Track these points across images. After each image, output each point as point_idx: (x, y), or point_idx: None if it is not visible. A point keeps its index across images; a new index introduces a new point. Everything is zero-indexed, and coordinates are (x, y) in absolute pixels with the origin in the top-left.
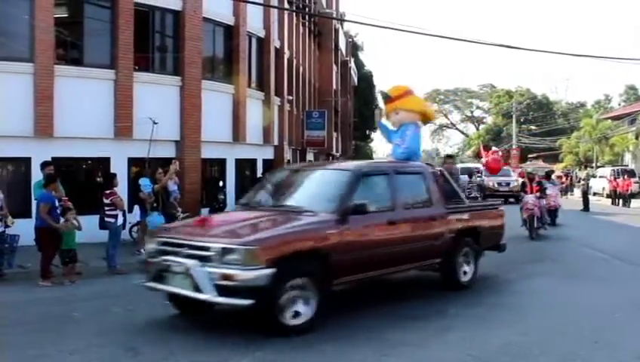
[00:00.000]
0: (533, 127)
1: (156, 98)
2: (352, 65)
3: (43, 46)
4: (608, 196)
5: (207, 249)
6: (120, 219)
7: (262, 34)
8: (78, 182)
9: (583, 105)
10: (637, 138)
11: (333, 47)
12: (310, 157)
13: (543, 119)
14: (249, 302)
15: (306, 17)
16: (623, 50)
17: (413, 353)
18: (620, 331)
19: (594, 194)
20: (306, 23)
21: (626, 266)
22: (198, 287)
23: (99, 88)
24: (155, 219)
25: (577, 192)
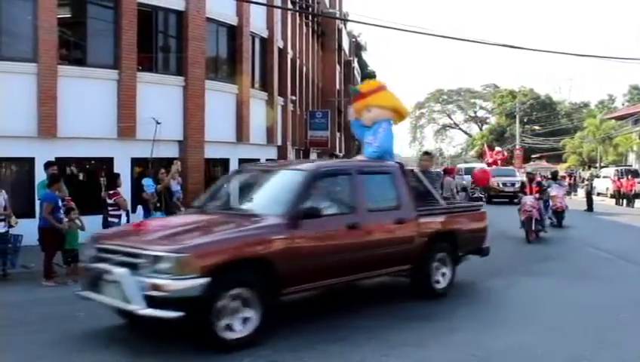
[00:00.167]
0: (537, 127)
1: (159, 98)
2: (356, 65)
3: (46, 46)
4: (612, 196)
5: (138, 256)
6: (123, 219)
7: (265, 34)
8: (82, 182)
9: (586, 105)
10: None
11: (337, 47)
12: (314, 157)
13: (546, 119)
14: (178, 315)
15: (310, 17)
16: (626, 50)
17: (414, 353)
18: (625, 331)
19: (598, 194)
20: (310, 23)
21: (630, 266)
22: (127, 298)
23: (102, 88)
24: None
25: (581, 192)
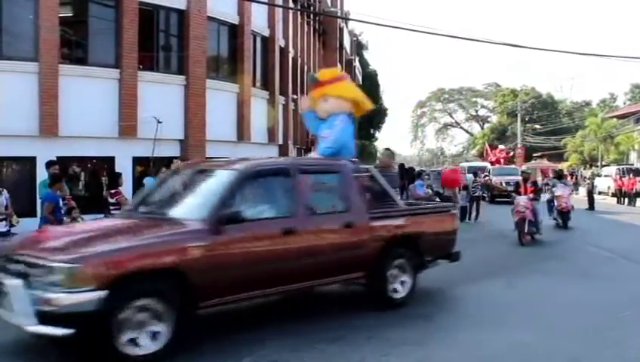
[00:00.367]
0: (538, 126)
1: (161, 97)
2: (357, 64)
3: (48, 45)
4: (613, 195)
5: (34, 266)
6: None
7: (266, 33)
8: (83, 181)
9: (588, 103)
10: None
11: (338, 45)
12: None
13: (547, 118)
14: (67, 332)
15: (311, 16)
16: (628, 49)
17: (414, 352)
18: (627, 330)
19: (599, 193)
20: (311, 22)
21: (632, 265)
22: (17, 312)
23: (103, 87)
24: None
25: (582, 191)
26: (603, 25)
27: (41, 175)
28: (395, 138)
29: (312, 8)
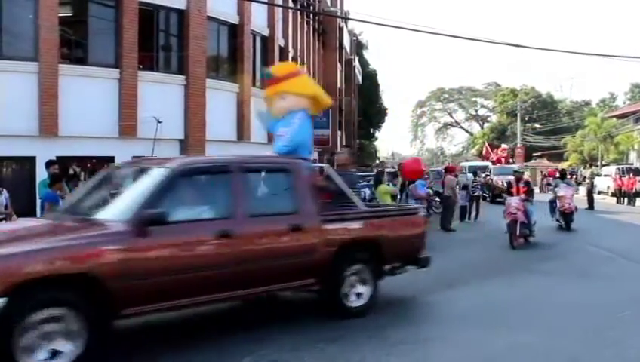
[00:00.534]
0: (538, 126)
1: (160, 97)
2: (357, 63)
3: (47, 45)
4: (613, 195)
5: None
6: None
7: (266, 32)
8: (83, 180)
9: (587, 103)
10: None
11: (338, 45)
12: (315, 155)
13: (547, 118)
14: None
15: (311, 16)
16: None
17: (414, 351)
18: (627, 329)
19: (599, 192)
20: (311, 22)
21: (631, 265)
22: None
23: (103, 87)
24: None
25: (582, 190)
26: (603, 24)
27: (41, 175)
28: (394, 138)
29: (311, 8)
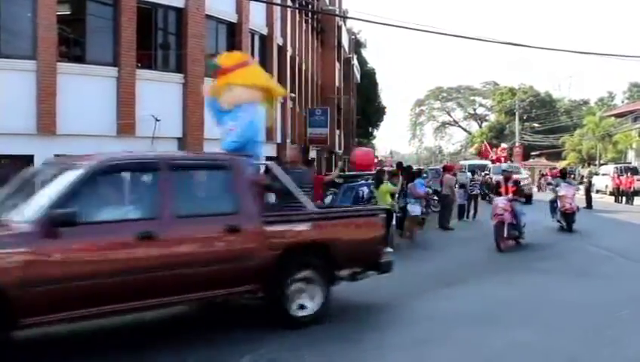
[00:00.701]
0: (536, 125)
1: (159, 95)
2: (355, 62)
3: (45, 43)
4: (611, 194)
5: None
6: None
7: (265, 31)
8: None
9: (586, 102)
10: None
11: (336, 44)
12: (313, 154)
13: (546, 117)
14: None
15: (309, 14)
16: (626, 48)
17: (414, 350)
18: (626, 328)
19: (597, 191)
20: (309, 20)
21: (630, 264)
22: None
23: (101, 85)
24: None
25: (580, 189)
26: (602, 24)
27: None
28: (393, 136)
29: (310, 6)
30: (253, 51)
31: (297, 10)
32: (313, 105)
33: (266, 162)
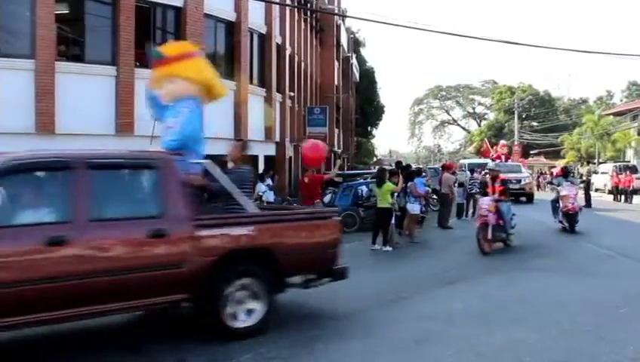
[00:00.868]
0: (535, 124)
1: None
2: (354, 61)
3: (44, 42)
4: (610, 192)
5: None
6: None
7: (263, 30)
8: None
9: (585, 101)
10: (639, 134)
11: (335, 43)
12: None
13: (544, 115)
14: None
15: (308, 13)
16: (625, 46)
17: (414, 349)
18: (626, 327)
19: (596, 190)
20: (308, 19)
21: (630, 262)
22: None
23: (100, 85)
24: None
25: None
26: (601, 23)
27: None
28: (392, 135)
29: (309, 5)
30: (251, 50)
31: (296, 9)
32: (312, 103)
33: (201, 161)
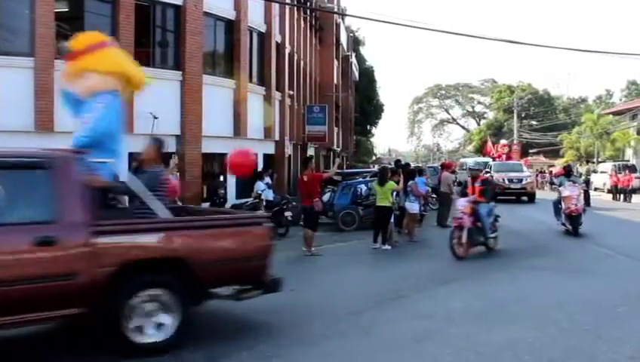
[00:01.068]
0: (534, 123)
1: (157, 92)
2: (354, 60)
3: (43, 40)
4: (609, 191)
5: None
6: None
7: (263, 28)
8: None
9: (584, 100)
10: (638, 133)
11: (335, 41)
12: (311, 152)
13: (544, 114)
14: None
15: (307, 12)
16: (625, 45)
17: (413, 347)
18: (624, 326)
19: (595, 189)
20: (307, 18)
21: (630, 262)
22: None
23: None
24: None
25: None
26: (600, 22)
27: None
28: (391, 134)
29: (308, 4)
30: (251, 48)
31: (296, 8)
32: (311, 102)
33: (106, 160)
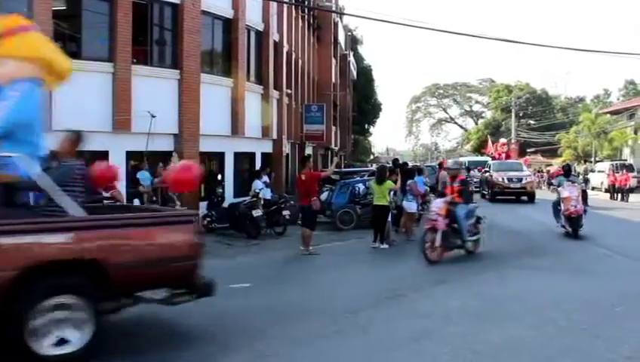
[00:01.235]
0: (532, 122)
1: (155, 91)
2: (352, 59)
3: None
4: (607, 191)
5: None
6: None
7: (261, 27)
8: None
9: (582, 99)
10: (636, 133)
11: (333, 40)
12: (309, 150)
13: (542, 114)
14: None
15: (306, 10)
16: (622, 45)
17: (412, 346)
18: (621, 325)
19: (592, 188)
20: (305, 17)
21: (628, 261)
22: None
23: (97, 81)
24: None
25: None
26: (597, 21)
27: None
28: (389, 133)
29: (306, 3)
30: (249, 47)
31: (294, 7)
32: (309, 101)
33: (10, 154)
